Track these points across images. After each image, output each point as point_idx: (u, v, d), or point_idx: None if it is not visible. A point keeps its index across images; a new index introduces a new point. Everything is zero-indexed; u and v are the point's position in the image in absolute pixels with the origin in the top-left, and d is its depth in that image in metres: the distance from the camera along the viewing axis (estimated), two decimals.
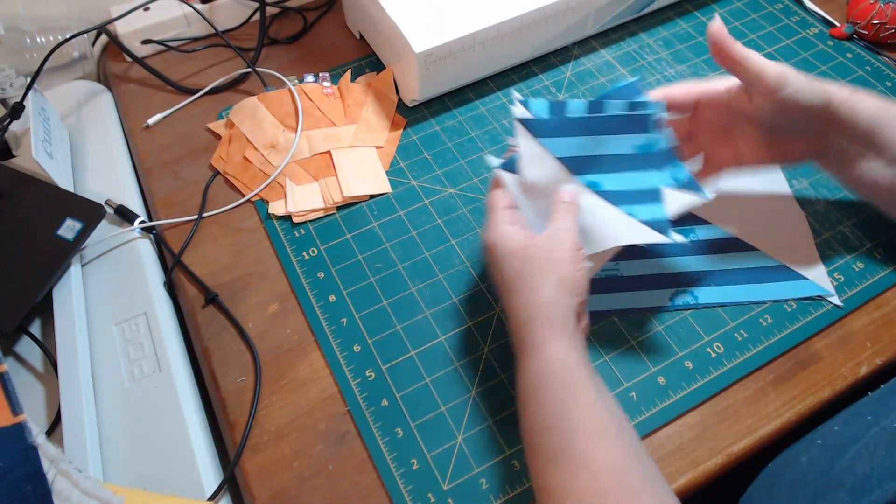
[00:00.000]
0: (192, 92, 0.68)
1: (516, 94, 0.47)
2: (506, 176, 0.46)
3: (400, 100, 0.66)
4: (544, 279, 0.42)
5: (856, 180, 0.50)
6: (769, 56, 0.69)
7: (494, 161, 0.47)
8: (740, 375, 0.49)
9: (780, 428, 0.47)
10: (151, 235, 0.59)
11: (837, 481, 0.37)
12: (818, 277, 0.53)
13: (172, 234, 0.58)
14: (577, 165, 0.47)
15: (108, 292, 0.54)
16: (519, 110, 0.46)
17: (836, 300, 0.52)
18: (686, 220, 0.56)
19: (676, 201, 0.47)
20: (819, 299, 0.52)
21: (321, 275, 0.55)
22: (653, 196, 0.47)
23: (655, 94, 0.51)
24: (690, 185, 0.47)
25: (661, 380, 0.49)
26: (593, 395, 0.39)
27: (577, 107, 0.46)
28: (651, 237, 0.45)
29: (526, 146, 0.46)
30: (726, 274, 0.54)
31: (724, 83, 0.50)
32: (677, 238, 0.45)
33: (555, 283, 0.42)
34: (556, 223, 0.45)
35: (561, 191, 0.46)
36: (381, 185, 0.60)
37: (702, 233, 0.56)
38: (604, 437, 0.37)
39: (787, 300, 0.53)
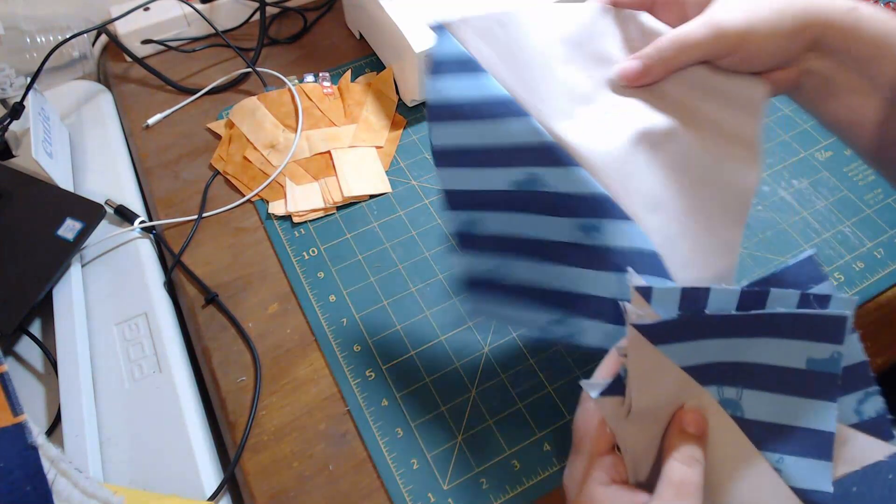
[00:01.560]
0: (192, 92, 0.68)
1: (635, 279, 0.32)
2: (607, 410, 0.33)
3: (400, 100, 0.66)
4: None
5: (835, 116, 0.42)
6: None
7: (594, 392, 0.33)
8: None
9: None
10: (151, 235, 0.59)
11: None
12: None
13: (172, 234, 0.58)
14: (707, 374, 0.32)
15: (108, 292, 0.54)
16: (636, 307, 0.31)
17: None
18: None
19: (851, 454, 0.30)
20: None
21: (321, 275, 0.55)
22: (818, 444, 0.29)
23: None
24: (880, 424, 0.30)
25: None
26: None
27: (723, 299, 0.30)
28: None
29: (639, 362, 0.31)
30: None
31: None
32: None
33: None
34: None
35: (685, 412, 0.32)
36: (381, 185, 0.60)
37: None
38: None
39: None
